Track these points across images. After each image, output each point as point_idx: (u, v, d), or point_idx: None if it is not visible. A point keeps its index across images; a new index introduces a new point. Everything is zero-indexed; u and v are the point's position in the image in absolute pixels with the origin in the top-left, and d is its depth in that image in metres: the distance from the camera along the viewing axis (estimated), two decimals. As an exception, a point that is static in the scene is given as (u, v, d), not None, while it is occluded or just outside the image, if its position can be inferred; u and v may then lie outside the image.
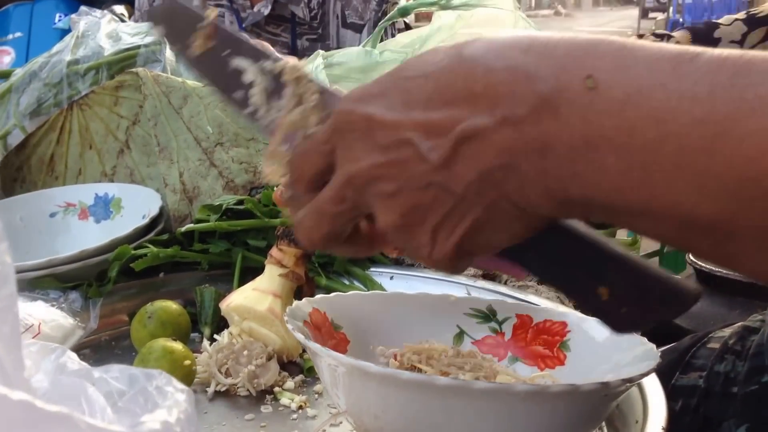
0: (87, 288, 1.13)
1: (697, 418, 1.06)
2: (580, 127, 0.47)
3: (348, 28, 2.31)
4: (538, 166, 0.48)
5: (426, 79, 0.52)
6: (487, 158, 0.50)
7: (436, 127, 0.51)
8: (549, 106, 0.48)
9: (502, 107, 0.49)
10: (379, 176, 0.54)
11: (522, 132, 0.48)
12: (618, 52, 0.48)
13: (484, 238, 0.54)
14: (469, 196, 0.51)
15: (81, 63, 1.47)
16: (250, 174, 1.31)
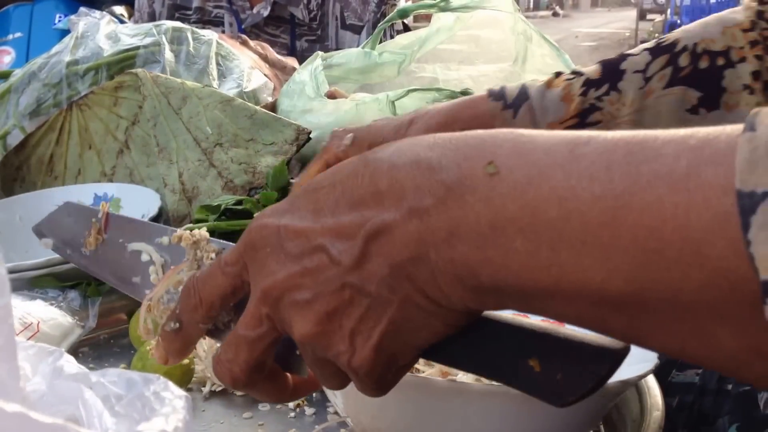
0: (86, 287, 1.14)
1: (693, 414, 1.07)
2: (485, 212, 0.47)
3: (347, 29, 2.32)
4: (446, 255, 0.48)
5: (333, 186, 0.53)
6: (396, 252, 0.50)
7: (346, 229, 0.51)
8: (453, 194, 0.48)
9: (407, 200, 0.49)
10: (293, 286, 0.53)
11: (428, 222, 0.48)
12: (516, 139, 0.49)
13: (403, 338, 0.53)
14: (383, 294, 0.51)
15: (80, 64, 1.48)
16: (249, 174, 1.31)
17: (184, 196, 1.31)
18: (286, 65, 1.80)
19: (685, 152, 0.42)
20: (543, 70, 1.79)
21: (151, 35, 1.51)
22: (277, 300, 0.54)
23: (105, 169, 1.38)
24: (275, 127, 1.35)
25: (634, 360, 0.77)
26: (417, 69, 1.79)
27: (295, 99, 1.49)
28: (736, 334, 0.42)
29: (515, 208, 0.46)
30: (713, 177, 0.41)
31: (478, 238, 0.47)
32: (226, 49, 1.56)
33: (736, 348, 0.42)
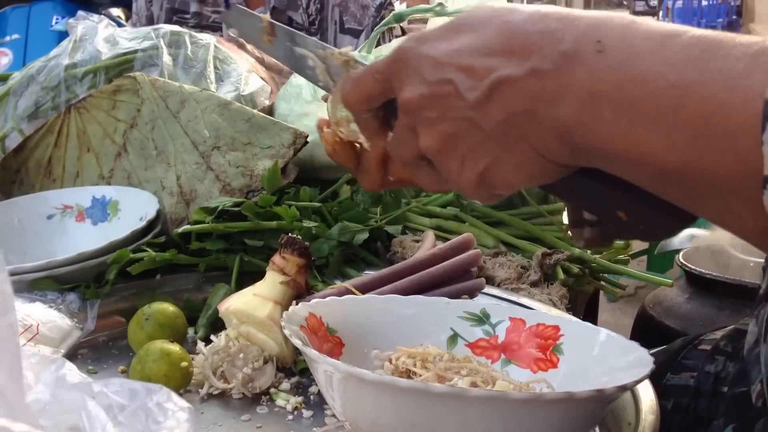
0: (85, 289, 1.14)
1: (688, 416, 1.08)
2: (587, 82, 0.57)
3: (346, 33, 2.33)
4: (552, 113, 0.58)
5: (475, 33, 0.63)
6: (514, 102, 0.60)
7: (477, 70, 0.61)
8: (567, 63, 0.58)
9: (532, 61, 0.59)
10: (423, 105, 0.64)
11: (544, 83, 0.59)
12: (626, 24, 0.58)
13: (503, 175, 0.63)
14: (495, 134, 0.61)
15: (79, 67, 1.48)
16: (247, 177, 1.32)
17: (182, 199, 1.32)
18: (283, 68, 1.80)
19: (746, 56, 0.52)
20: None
21: (150, 39, 1.51)
22: (412, 113, 0.65)
23: (103, 172, 1.38)
24: (273, 130, 1.36)
25: (629, 364, 0.78)
26: (413, 73, 1.80)
27: (292, 103, 1.50)
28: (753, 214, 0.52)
29: (609, 82, 0.56)
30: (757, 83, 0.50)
31: (578, 103, 0.57)
32: (224, 52, 1.56)
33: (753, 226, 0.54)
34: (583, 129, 0.58)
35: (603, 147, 0.58)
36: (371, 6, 2.34)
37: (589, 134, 0.58)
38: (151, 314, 1.04)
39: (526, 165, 0.62)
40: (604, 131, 0.57)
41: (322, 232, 1.21)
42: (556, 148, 0.60)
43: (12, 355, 0.42)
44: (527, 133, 0.60)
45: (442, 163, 0.66)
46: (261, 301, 1.00)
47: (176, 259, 1.19)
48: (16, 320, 0.42)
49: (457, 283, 1.04)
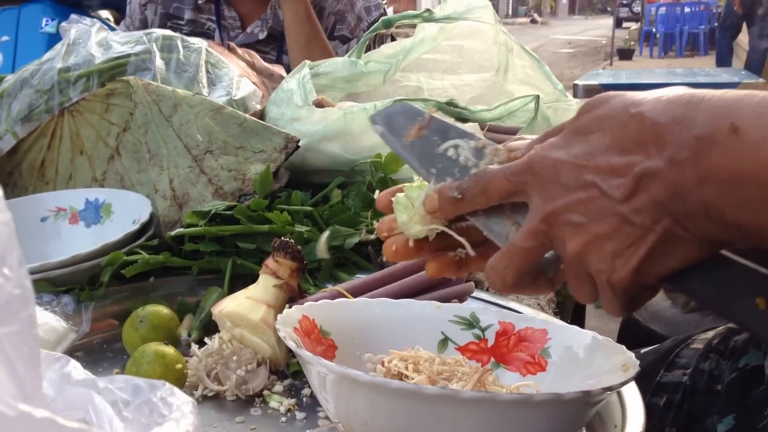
0: (79, 292, 1.15)
1: (682, 413, 1.10)
2: (726, 165, 0.58)
3: (334, 39, 2.34)
4: (697, 198, 0.60)
5: (603, 133, 0.64)
6: (660, 193, 0.61)
7: (616, 170, 0.63)
8: (703, 148, 0.59)
9: (668, 151, 0.60)
10: (569, 211, 0.65)
11: (684, 171, 0.60)
12: (758, 102, 0.59)
13: (659, 262, 0.64)
14: (646, 225, 0.62)
15: (72, 70, 1.49)
16: (239, 181, 1.33)
17: (174, 202, 1.33)
18: (273, 73, 1.82)
19: None
20: (524, 81, 1.82)
21: (142, 43, 1.52)
22: (554, 221, 0.66)
23: (96, 175, 1.40)
24: (264, 135, 1.37)
25: (615, 367, 0.80)
26: (402, 78, 1.82)
27: (284, 107, 1.51)
28: None
29: (750, 162, 0.57)
30: None
31: (722, 186, 0.58)
32: (216, 57, 1.57)
33: None
34: (733, 209, 0.59)
35: (756, 225, 0.59)
36: (365, 20, 2.37)
37: (740, 214, 0.59)
38: (145, 317, 1.05)
39: (683, 246, 0.63)
40: (754, 210, 0.58)
41: (313, 236, 1.22)
42: (710, 228, 0.61)
43: (30, 346, 0.43)
44: (678, 218, 0.61)
45: (590, 264, 0.66)
46: (254, 304, 1.02)
47: (169, 261, 1.20)
48: (35, 313, 0.44)
49: (448, 287, 1.05)
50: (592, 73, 7.21)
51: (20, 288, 0.44)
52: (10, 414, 0.37)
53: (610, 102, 0.65)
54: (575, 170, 0.65)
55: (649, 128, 0.62)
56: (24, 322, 0.44)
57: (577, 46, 24.05)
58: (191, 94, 1.40)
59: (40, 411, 0.39)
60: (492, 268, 0.72)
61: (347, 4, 2.36)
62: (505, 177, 0.70)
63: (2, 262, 0.42)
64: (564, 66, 16.67)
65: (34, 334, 0.45)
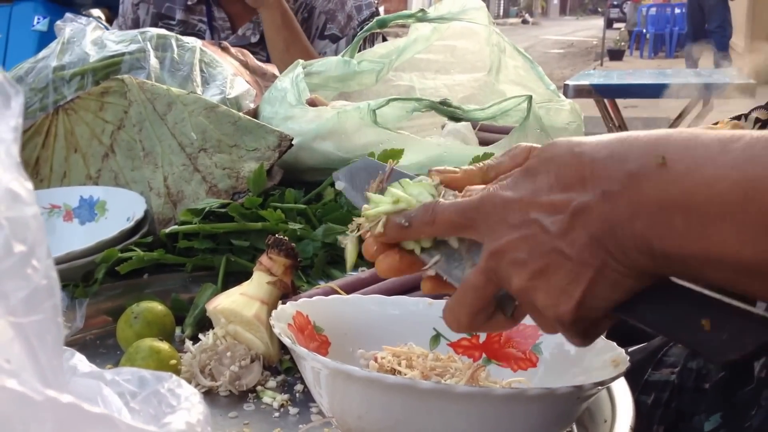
0: (73, 288, 1.16)
1: (669, 411, 1.11)
2: (655, 195, 0.60)
3: (324, 38, 2.35)
4: (628, 231, 0.61)
5: (548, 173, 0.66)
6: (594, 226, 0.63)
7: (556, 206, 0.65)
8: (634, 181, 0.61)
9: (602, 185, 0.63)
10: (513, 248, 0.67)
11: (616, 204, 0.62)
12: (685, 138, 0.62)
13: (599, 295, 0.65)
14: (583, 259, 0.64)
15: (66, 69, 1.49)
16: (233, 179, 1.34)
17: (169, 200, 1.34)
18: (266, 72, 1.82)
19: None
20: (516, 81, 1.83)
21: (137, 42, 1.53)
22: (500, 258, 0.67)
23: (90, 173, 1.40)
24: (258, 133, 1.38)
25: (605, 363, 0.81)
26: (394, 77, 1.82)
27: (277, 106, 1.52)
28: None
29: (676, 192, 0.60)
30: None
31: (651, 217, 0.61)
32: (210, 56, 1.58)
33: None
34: (660, 239, 0.61)
35: (680, 252, 0.60)
36: (356, 18, 2.37)
37: (666, 242, 0.60)
38: (140, 313, 1.06)
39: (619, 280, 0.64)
40: (678, 237, 0.60)
41: (306, 234, 1.23)
42: (641, 261, 0.62)
43: (54, 335, 0.44)
44: (612, 252, 0.63)
45: (536, 300, 0.67)
46: (248, 300, 1.02)
47: (164, 258, 1.21)
48: (59, 303, 0.45)
49: (440, 284, 1.06)
50: (582, 74, 7.21)
51: (47, 278, 0.45)
52: (36, 398, 0.38)
53: (557, 145, 0.68)
54: (521, 208, 0.67)
55: (587, 164, 0.64)
56: (48, 311, 0.45)
57: (568, 47, 24.09)
58: (185, 92, 1.41)
59: (66, 396, 0.40)
60: (447, 309, 0.73)
61: (338, 3, 2.37)
62: (455, 211, 0.71)
63: (32, 254, 0.43)
64: (554, 66, 16.69)
65: (58, 323, 0.46)
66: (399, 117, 1.44)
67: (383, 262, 0.77)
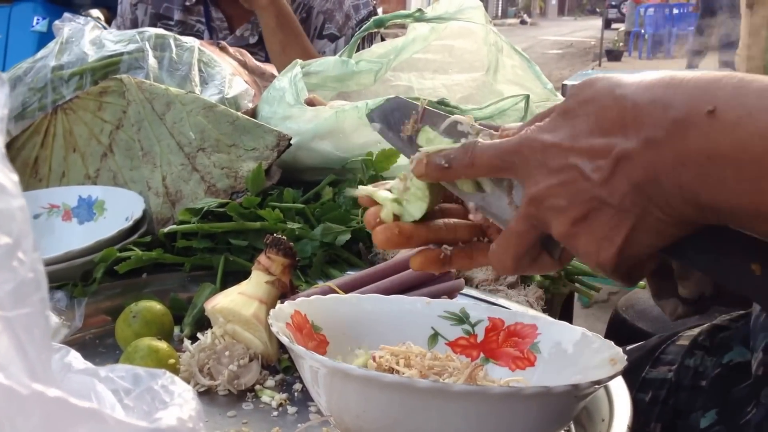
0: (72, 288, 1.16)
1: (667, 409, 1.11)
2: (703, 146, 0.58)
3: (323, 38, 2.36)
4: (674, 180, 0.60)
5: (587, 116, 0.65)
6: (636, 174, 0.61)
7: (597, 152, 0.63)
8: (679, 129, 0.59)
9: (645, 131, 0.61)
10: (552, 194, 0.66)
11: (660, 152, 0.60)
12: (736, 83, 0.59)
13: (641, 242, 0.64)
14: (624, 207, 0.63)
15: (65, 69, 1.50)
16: (231, 179, 1.34)
17: (167, 200, 1.34)
18: (265, 71, 1.83)
19: None
20: (514, 80, 1.83)
21: (135, 42, 1.53)
22: (540, 204, 0.67)
23: (89, 172, 1.40)
24: (257, 133, 1.38)
25: (603, 362, 0.81)
26: (393, 77, 1.83)
27: (275, 105, 1.52)
28: None
29: (726, 144, 0.57)
30: None
31: (698, 168, 0.58)
32: (208, 55, 1.58)
33: None
34: (708, 191, 0.59)
35: (730, 205, 0.59)
36: (354, 18, 2.38)
37: (715, 195, 0.59)
38: (138, 312, 1.06)
39: (662, 227, 0.63)
40: (729, 191, 0.58)
41: (305, 233, 1.24)
42: (686, 211, 0.61)
43: (41, 329, 0.44)
44: (655, 200, 0.62)
45: (578, 247, 0.67)
46: (246, 299, 1.03)
47: (162, 258, 1.21)
48: (46, 296, 0.45)
49: (437, 283, 1.06)
50: (580, 74, 7.23)
51: (33, 272, 0.45)
52: (23, 392, 0.38)
53: (596, 85, 0.66)
54: (560, 153, 0.65)
55: (629, 109, 0.62)
56: (36, 305, 0.45)
57: (566, 47, 24.10)
58: (184, 92, 1.41)
59: (53, 390, 0.40)
60: (493, 253, 0.73)
61: (336, 3, 2.37)
62: (494, 154, 0.70)
63: (17, 247, 0.43)
64: (553, 67, 16.70)
65: (46, 316, 0.46)
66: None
67: (381, 234, 0.77)
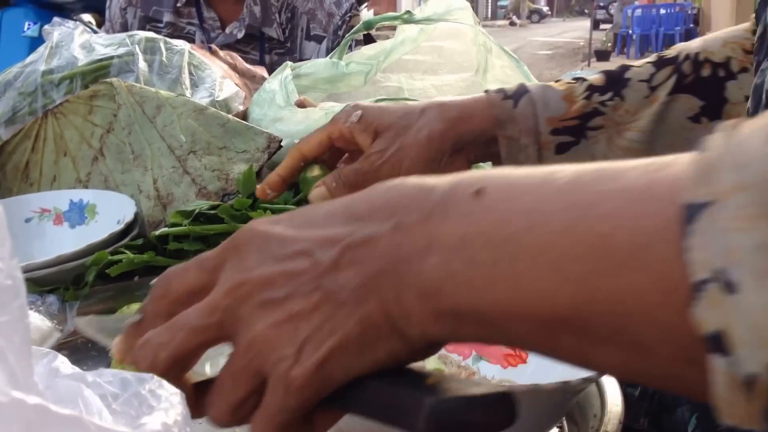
0: (64, 291, 1.16)
1: (654, 403, 1.11)
2: (460, 226, 0.49)
3: (311, 40, 2.37)
4: (415, 268, 0.49)
5: (331, 203, 0.55)
6: (370, 262, 0.51)
7: (333, 237, 0.52)
8: (438, 210, 0.50)
9: (397, 216, 0.51)
10: (269, 283, 0.53)
11: (409, 235, 0.50)
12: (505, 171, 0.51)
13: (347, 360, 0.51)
14: (349, 304, 0.51)
15: (55, 73, 1.49)
16: (222, 181, 1.34)
17: (159, 202, 1.34)
18: (256, 74, 1.83)
19: (646, 174, 0.45)
20: (503, 80, 1.83)
21: (125, 45, 1.53)
22: (246, 296, 0.53)
23: (80, 176, 1.40)
24: (247, 135, 1.39)
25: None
26: (383, 78, 1.83)
27: (266, 108, 1.52)
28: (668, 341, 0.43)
29: (487, 222, 0.48)
30: (666, 190, 0.43)
31: (449, 251, 0.48)
32: (198, 59, 1.58)
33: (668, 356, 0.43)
34: (453, 281, 0.48)
35: (477, 301, 0.48)
36: (336, 14, 2.38)
37: (460, 286, 0.48)
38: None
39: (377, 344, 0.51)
40: (480, 278, 0.47)
41: (296, 235, 1.24)
42: (418, 314, 0.50)
43: (21, 336, 0.44)
44: (384, 298, 0.50)
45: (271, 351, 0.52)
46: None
47: (154, 260, 1.21)
48: (25, 303, 0.45)
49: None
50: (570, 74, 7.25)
51: (11, 279, 0.44)
52: (3, 400, 0.38)
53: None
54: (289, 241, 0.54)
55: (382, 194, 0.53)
56: (15, 312, 0.45)
57: (555, 48, 24.16)
58: (174, 95, 1.42)
59: (32, 398, 0.40)
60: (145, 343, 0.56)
61: (316, 2, 2.38)
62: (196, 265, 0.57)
63: (-6, 254, 0.43)
64: (543, 67, 16.75)
65: (26, 324, 0.46)
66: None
67: None
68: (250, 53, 2.32)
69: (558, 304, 0.45)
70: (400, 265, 0.49)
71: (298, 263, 0.52)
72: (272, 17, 2.33)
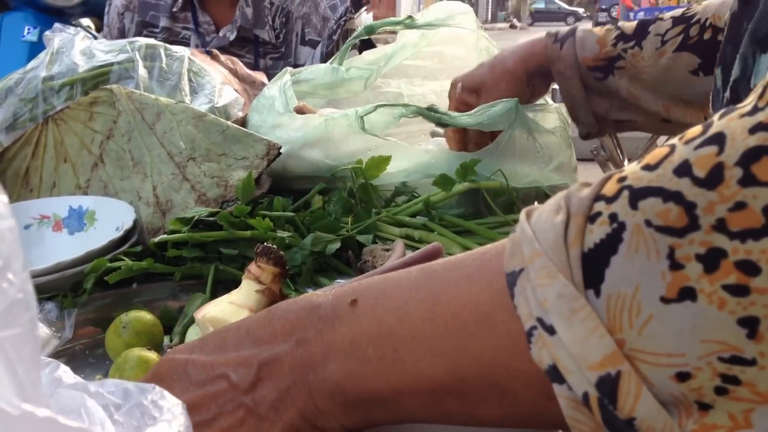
0: (62, 299, 1.16)
1: None
2: (347, 332, 0.59)
3: (306, 44, 2.37)
4: (320, 375, 0.59)
5: (239, 328, 0.64)
6: (282, 377, 0.60)
7: (245, 359, 0.61)
8: (327, 324, 0.60)
9: (295, 334, 0.61)
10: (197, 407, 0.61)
11: (309, 349, 0.60)
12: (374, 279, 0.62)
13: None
14: (270, 416, 0.60)
15: (56, 79, 1.50)
16: (222, 188, 1.34)
17: (158, 209, 1.34)
18: (255, 80, 1.83)
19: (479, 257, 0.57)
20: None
21: (125, 52, 1.53)
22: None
23: (80, 182, 1.41)
24: (246, 142, 1.39)
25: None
26: (383, 84, 1.83)
27: (265, 114, 1.52)
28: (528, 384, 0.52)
29: (366, 324, 0.58)
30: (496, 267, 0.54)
31: (343, 355, 0.58)
32: (198, 65, 1.59)
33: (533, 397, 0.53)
34: (352, 378, 0.58)
35: (375, 389, 0.57)
36: (332, 18, 2.39)
37: (359, 381, 0.58)
38: (129, 323, 1.06)
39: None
40: (372, 371, 0.57)
41: (295, 242, 1.24)
42: (331, 411, 0.59)
43: (31, 348, 0.44)
44: (300, 405, 0.59)
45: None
46: (236, 309, 1.02)
47: (153, 268, 1.21)
48: (36, 316, 0.45)
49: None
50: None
51: (23, 292, 0.45)
52: (13, 413, 0.38)
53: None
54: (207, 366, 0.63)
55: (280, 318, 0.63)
56: (26, 325, 0.45)
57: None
58: (174, 102, 1.42)
59: (42, 410, 0.40)
60: None
61: (311, 6, 2.38)
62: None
63: (7, 267, 0.43)
64: (546, 70, 16.69)
65: (36, 336, 0.46)
66: (387, 123, 1.44)
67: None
68: (244, 56, 2.33)
69: (436, 377, 0.55)
70: (306, 375, 0.59)
71: (219, 385, 0.61)
72: (264, 20, 2.34)
